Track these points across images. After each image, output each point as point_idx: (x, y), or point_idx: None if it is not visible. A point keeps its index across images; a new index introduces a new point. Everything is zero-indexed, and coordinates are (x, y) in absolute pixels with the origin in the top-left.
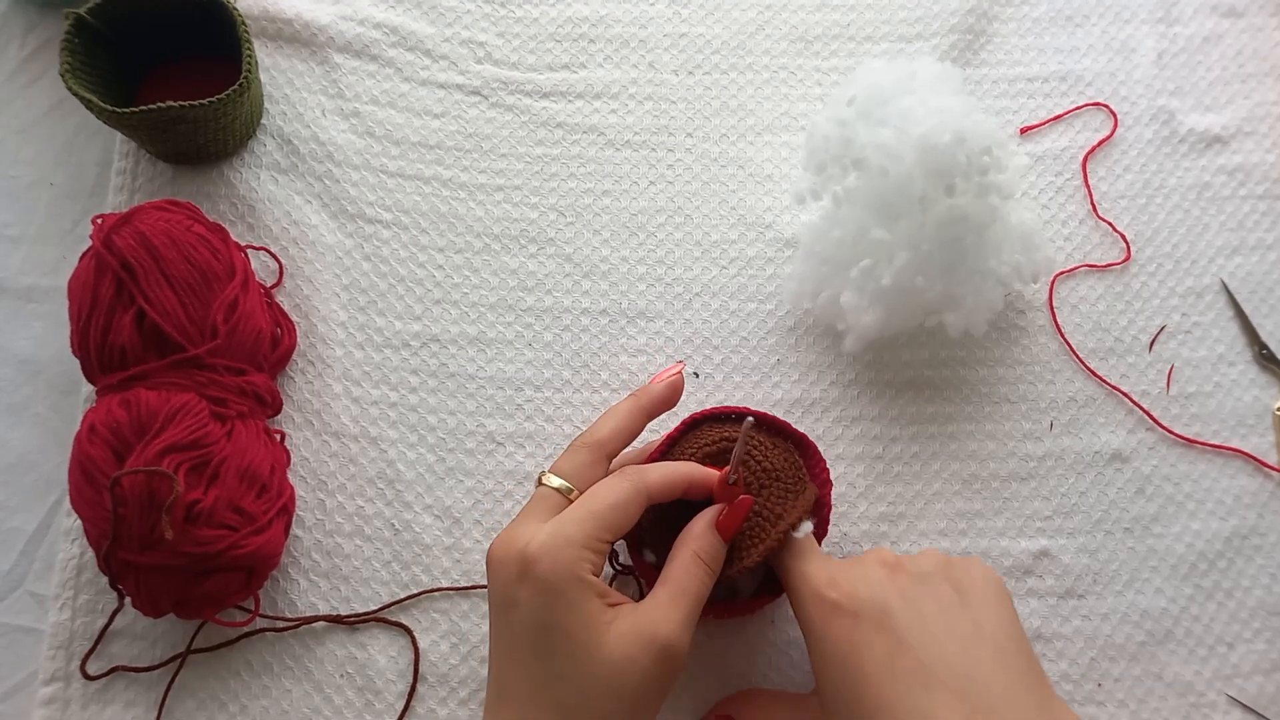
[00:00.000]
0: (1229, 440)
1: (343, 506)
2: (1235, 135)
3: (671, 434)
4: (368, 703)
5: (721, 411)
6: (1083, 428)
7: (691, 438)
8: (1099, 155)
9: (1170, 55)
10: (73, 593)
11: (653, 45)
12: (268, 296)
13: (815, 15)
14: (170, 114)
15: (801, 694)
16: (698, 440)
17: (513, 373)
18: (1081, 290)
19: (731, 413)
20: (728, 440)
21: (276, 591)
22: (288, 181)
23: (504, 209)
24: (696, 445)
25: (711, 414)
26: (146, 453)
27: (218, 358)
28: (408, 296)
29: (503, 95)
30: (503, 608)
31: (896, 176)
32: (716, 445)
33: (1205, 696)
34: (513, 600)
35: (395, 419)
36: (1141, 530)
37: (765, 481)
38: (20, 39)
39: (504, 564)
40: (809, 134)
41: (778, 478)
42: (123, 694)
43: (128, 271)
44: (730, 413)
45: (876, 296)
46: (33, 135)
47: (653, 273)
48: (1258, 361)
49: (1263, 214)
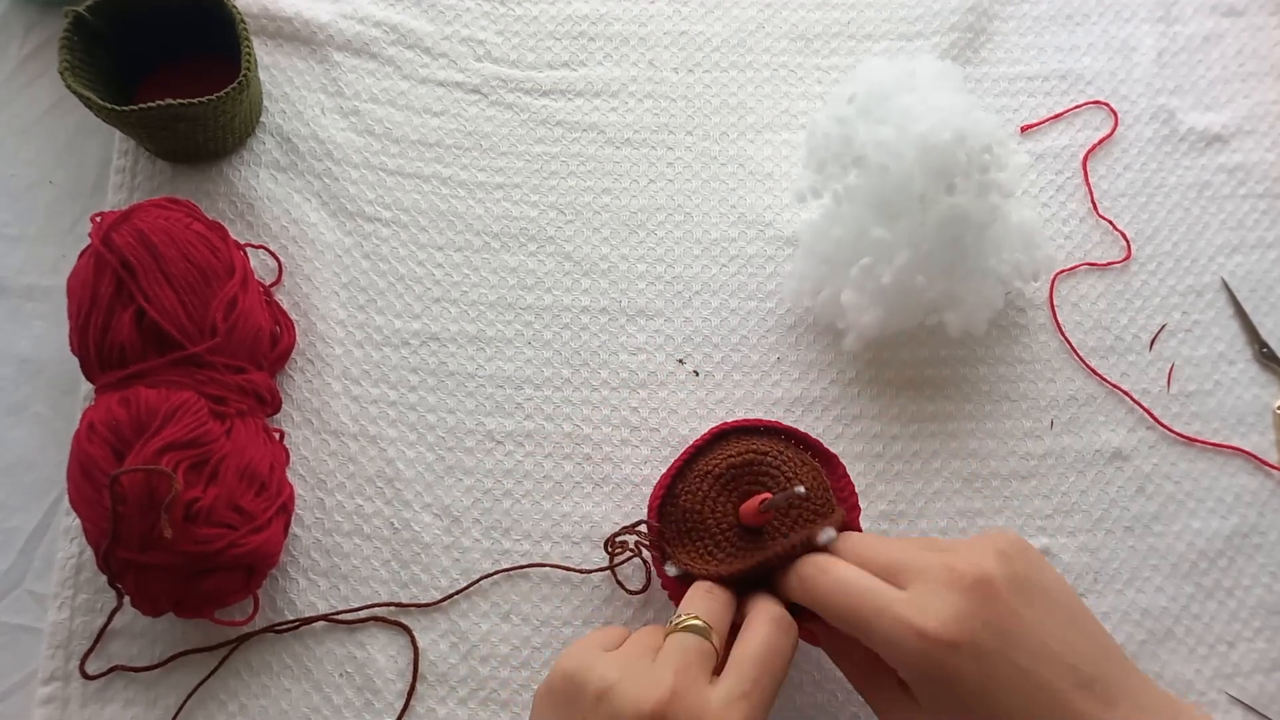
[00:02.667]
0: (1229, 439)
1: (342, 505)
2: (1235, 134)
3: (697, 442)
4: (367, 702)
5: (749, 425)
6: (1083, 426)
7: (719, 447)
8: (1099, 154)
9: (1170, 54)
10: (72, 592)
11: (653, 43)
12: (267, 295)
13: (815, 13)
14: (169, 112)
15: None
16: (724, 450)
17: (512, 371)
18: (1082, 289)
19: (759, 425)
20: (754, 452)
21: (276, 590)
22: (287, 180)
23: (504, 207)
24: (723, 455)
25: (739, 426)
26: (145, 451)
27: (217, 356)
28: (407, 295)
29: (502, 93)
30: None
31: (897, 174)
32: (742, 456)
33: (1205, 695)
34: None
35: (395, 417)
36: (1142, 529)
37: (795, 502)
38: (20, 38)
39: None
40: (809, 132)
41: (806, 498)
42: (122, 693)
43: (127, 270)
44: (758, 425)
45: (877, 295)
46: (33, 135)
47: (652, 271)
48: (1258, 360)
49: (1263, 213)
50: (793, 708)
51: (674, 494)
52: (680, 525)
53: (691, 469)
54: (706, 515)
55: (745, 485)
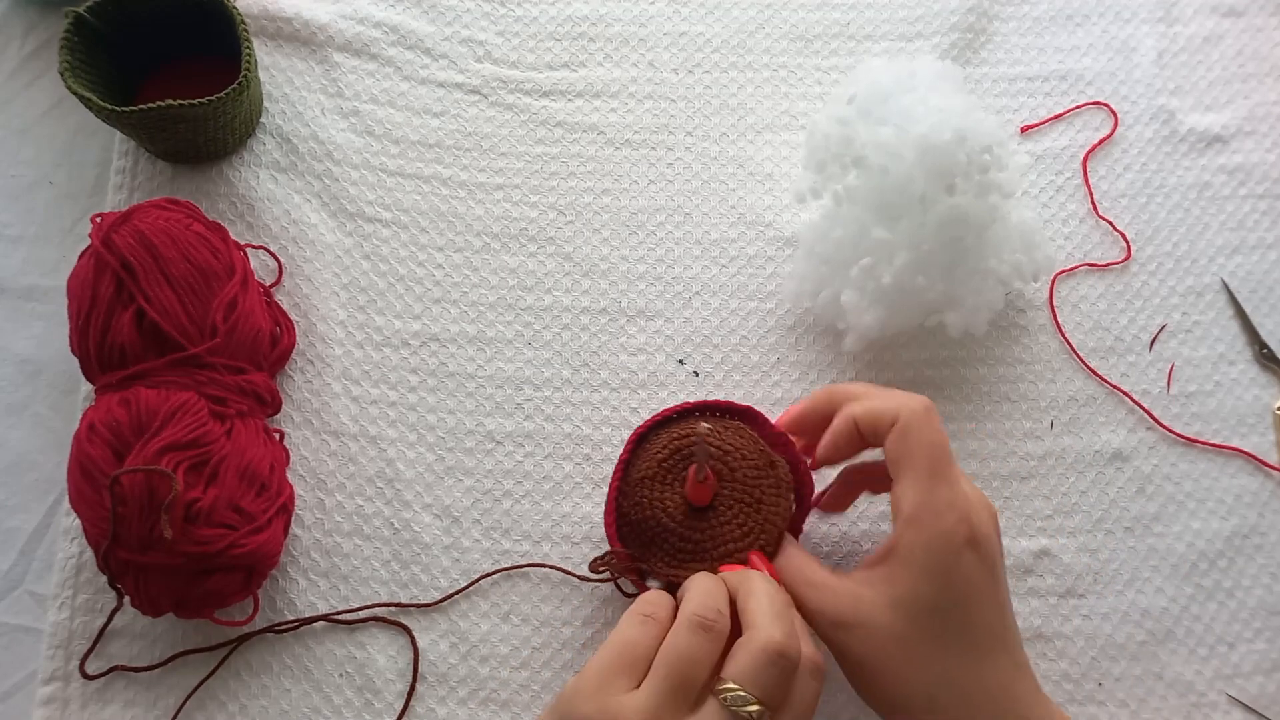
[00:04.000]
0: (1229, 439)
1: (342, 506)
2: (1235, 135)
3: (623, 457)
4: (367, 702)
5: (660, 417)
6: (1083, 427)
7: (643, 454)
8: (1099, 154)
9: (1170, 55)
10: (72, 592)
11: (652, 44)
12: (267, 295)
13: (815, 14)
14: (170, 113)
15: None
16: (649, 451)
17: (512, 371)
18: (1082, 289)
19: (670, 414)
20: (677, 441)
21: (276, 591)
22: (287, 180)
23: (504, 208)
24: (650, 455)
25: (652, 424)
26: (146, 451)
27: (217, 356)
28: (407, 295)
29: (502, 94)
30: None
31: (897, 175)
32: (667, 449)
33: (1206, 696)
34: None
35: (394, 418)
36: (1142, 529)
37: (733, 464)
38: (20, 39)
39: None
40: (809, 132)
41: (744, 458)
42: (122, 693)
43: (127, 270)
44: (668, 415)
45: (877, 296)
46: (33, 135)
47: (652, 271)
48: (1258, 361)
49: (1263, 213)
50: None
51: (624, 513)
52: (641, 538)
53: (628, 482)
54: (660, 517)
55: (681, 472)
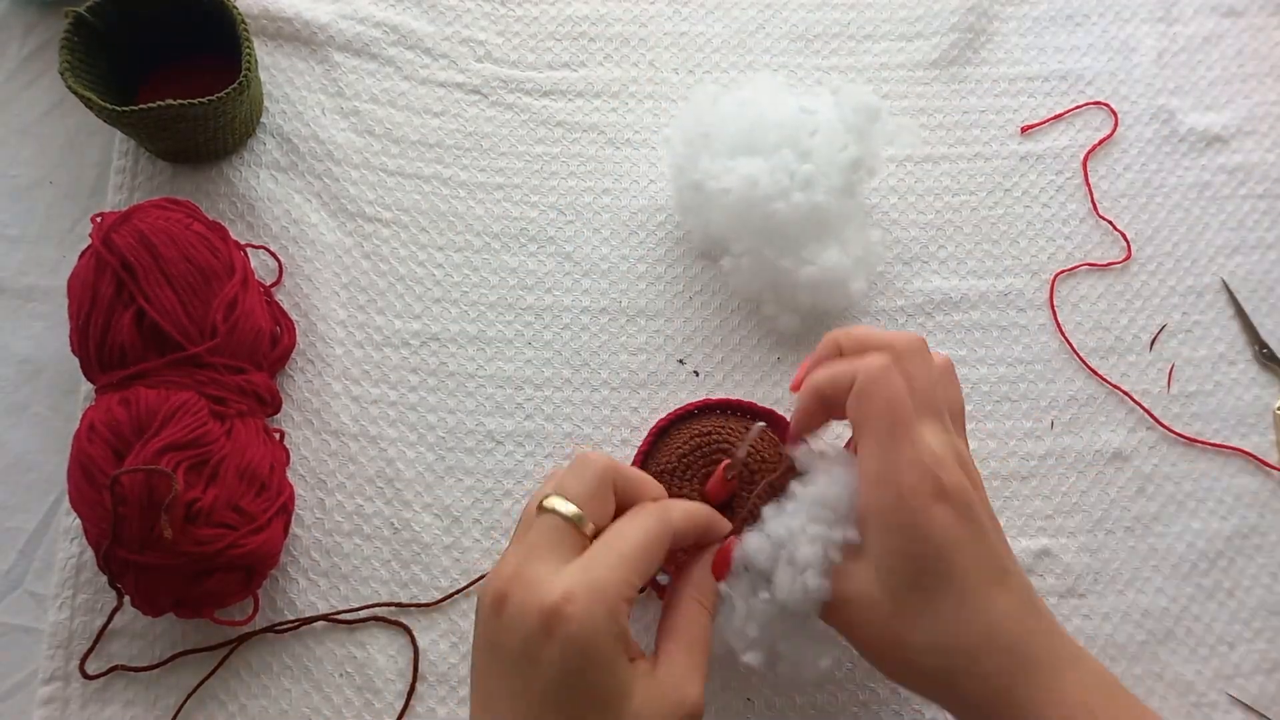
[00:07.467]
0: (1229, 439)
1: (342, 505)
2: (1235, 135)
3: (643, 448)
4: (367, 702)
5: (682, 412)
6: (1083, 427)
7: (664, 447)
8: (1099, 154)
9: (1170, 55)
10: (72, 592)
11: (653, 44)
12: (267, 295)
13: (815, 14)
14: (170, 112)
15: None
16: (670, 445)
17: (512, 371)
18: (1082, 289)
19: (691, 409)
20: (699, 435)
21: (276, 590)
22: (287, 180)
23: (504, 207)
24: (671, 449)
25: (673, 418)
26: (146, 451)
27: (217, 356)
28: (407, 295)
29: (503, 94)
30: (519, 664)
31: (733, 205)
32: (689, 444)
33: (1206, 696)
34: (533, 657)
35: (395, 418)
36: (1142, 529)
37: (754, 467)
38: (20, 39)
39: (522, 614)
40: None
41: (764, 460)
42: (122, 693)
43: (127, 270)
44: (690, 410)
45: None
46: (33, 135)
47: (653, 271)
48: (1258, 360)
49: (1263, 213)
50: (793, 708)
51: None
52: None
53: (647, 473)
54: None
55: (702, 468)
